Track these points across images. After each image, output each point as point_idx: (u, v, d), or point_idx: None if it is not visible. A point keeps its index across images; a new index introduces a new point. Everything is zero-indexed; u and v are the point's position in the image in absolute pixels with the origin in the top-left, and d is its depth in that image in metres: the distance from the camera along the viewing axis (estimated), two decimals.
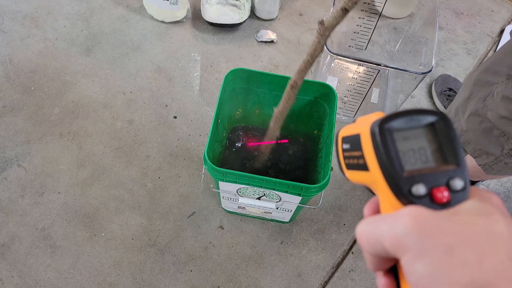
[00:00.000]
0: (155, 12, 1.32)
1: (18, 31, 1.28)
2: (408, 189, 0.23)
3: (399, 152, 0.23)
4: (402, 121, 0.24)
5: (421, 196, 0.22)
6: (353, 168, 0.26)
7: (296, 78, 0.64)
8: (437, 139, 0.24)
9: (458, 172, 0.23)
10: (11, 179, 1.02)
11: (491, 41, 1.39)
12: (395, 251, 0.21)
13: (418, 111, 0.24)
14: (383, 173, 0.24)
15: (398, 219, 0.21)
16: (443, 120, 0.24)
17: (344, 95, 1.14)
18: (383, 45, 1.34)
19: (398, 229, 0.20)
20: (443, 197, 0.22)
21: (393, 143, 0.23)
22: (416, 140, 0.24)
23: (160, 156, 1.07)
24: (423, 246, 0.19)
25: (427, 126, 0.24)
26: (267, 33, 1.31)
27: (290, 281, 0.94)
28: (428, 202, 0.22)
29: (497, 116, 0.70)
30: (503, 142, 0.72)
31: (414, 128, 0.24)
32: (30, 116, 1.12)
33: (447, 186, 0.23)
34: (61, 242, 0.95)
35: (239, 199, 0.82)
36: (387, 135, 0.23)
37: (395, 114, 0.24)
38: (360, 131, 0.25)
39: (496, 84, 0.70)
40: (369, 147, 0.24)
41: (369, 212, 0.27)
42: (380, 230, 0.22)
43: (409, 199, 0.23)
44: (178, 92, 1.19)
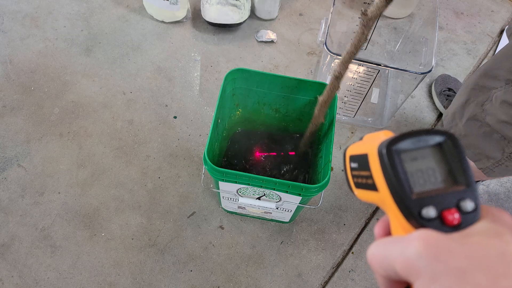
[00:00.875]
0: (155, 12, 1.32)
1: (18, 31, 1.28)
2: (418, 211, 0.22)
3: (408, 174, 0.23)
4: (409, 142, 0.24)
5: (432, 219, 0.22)
6: (362, 187, 0.26)
7: (340, 69, 0.66)
8: (445, 160, 0.24)
9: (468, 193, 0.23)
10: (11, 179, 1.02)
11: (491, 41, 1.39)
12: (407, 275, 0.21)
13: (425, 131, 0.24)
14: (392, 195, 0.23)
15: (409, 243, 0.21)
16: (451, 140, 0.24)
17: (344, 95, 1.14)
18: (383, 45, 1.34)
19: (410, 253, 0.20)
20: (454, 219, 0.22)
21: (401, 165, 0.23)
22: (424, 161, 0.24)
23: (160, 156, 1.07)
24: (435, 270, 0.19)
25: (435, 146, 0.24)
26: (267, 33, 1.31)
27: (290, 281, 0.94)
28: (438, 225, 0.22)
29: (497, 120, 0.70)
30: (503, 146, 0.71)
31: (422, 148, 0.24)
32: (30, 116, 1.12)
33: (458, 208, 0.22)
34: (61, 242, 0.95)
35: (239, 199, 0.82)
36: (395, 157, 0.23)
37: (403, 135, 0.24)
38: (368, 151, 0.25)
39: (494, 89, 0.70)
40: (378, 168, 0.24)
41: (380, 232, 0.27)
42: (392, 253, 0.22)
43: (420, 221, 0.22)
44: (178, 92, 1.19)
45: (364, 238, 1.00)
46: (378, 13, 0.56)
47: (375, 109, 1.20)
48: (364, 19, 0.58)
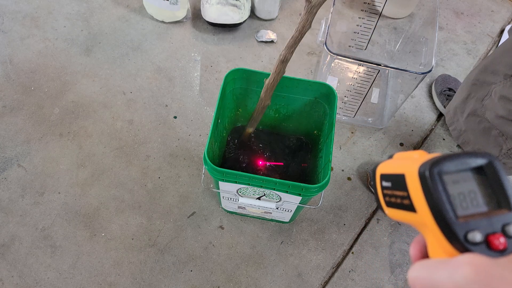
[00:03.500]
0: (155, 12, 1.32)
1: (18, 31, 1.28)
2: (463, 235, 0.22)
3: (451, 197, 0.23)
4: (452, 164, 0.23)
5: (478, 243, 0.22)
6: (396, 207, 0.26)
7: (286, 52, 0.70)
8: (487, 183, 0.24)
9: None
10: (11, 179, 1.02)
11: (491, 41, 1.39)
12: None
13: (467, 154, 0.24)
14: (435, 218, 0.23)
15: (458, 268, 0.20)
16: (492, 162, 0.24)
17: (344, 95, 1.14)
18: (383, 45, 1.34)
19: (459, 278, 0.20)
20: (500, 244, 0.22)
21: (444, 187, 0.23)
22: (466, 184, 0.24)
23: (160, 156, 1.07)
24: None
25: (476, 169, 0.24)
26: (267, 33, 1.31)
27: (290, 281, 0.94)
28: (484, 249, 0.22)
29: (495, 116, 0.70)
30: (501, 142, 0.72)
31: (464, 171, 0.24)
32: (30, 116, 1.12)
33: (503, 232, 0.22)
34: (61, 242, 0.95)
35: (239, 199, 0.82)
36: (438, 179, 0.23)
37: (445, 157, 0.24)
38: (404, 172, 0.25)
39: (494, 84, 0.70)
40: (418, 189, 0.24)
41: (416, 253, 0.26)
42: (439, 277, 0.21)
43: (465, 246, 0.22)
44: (178, 92, 1.19)
45: (364, 238, 1.00)
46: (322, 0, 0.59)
47: (375, 109, 1.20)
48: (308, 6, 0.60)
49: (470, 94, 0.76)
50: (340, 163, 1.10)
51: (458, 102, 0.79)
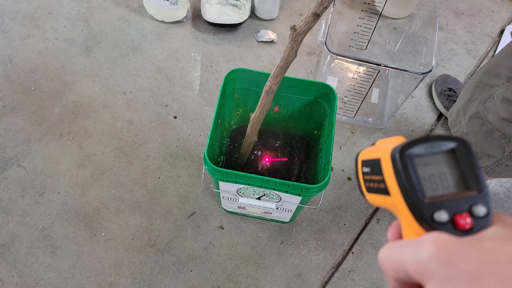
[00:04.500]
0: (155, 12, 1.32)
1: (18, 31, 1.28)
2: (430, 215, 0.23)
3: (421, 178, 0.24)
4: (423, 147, 0.24)
5: (444, 223, 0.23)
6: (374, 191, 0.27)
7: (271, 83, 0.66)
8: (458, 165, 0.24)
9: (481, 198, 0.23)
10: (11, 179, 1.02)
11: (491, 41, 1.39)
12: (419, 277, 0.21)
13: (438, 137, 0.24)
14: (405, 199, 0.24)
15: (422, 246, 0.21)
16: (464, 145, 0.24)
17: (344, 95, 1.14)
18: (383, 45, 1.34)
19: (423, 255, 0.21)
20: (466, 224, 0.22)
21: (414, 169, 0.24)
22: (437, 166, 0.24)
23: (160, 156, 1.07)
24: (447, 274, 0.20)
25: (447, 152, 0.24)
26: (267, 33, 1.31)
27: (290, 281, 0.94)
28: (450, 229, 0.23)
29: (498, 118, 0.70)
30: (504, 145, 0.71)
31: (435, 154, 0.24)
32: (30, 116, 1.12)
33: (470, 213, 0.23)
34: (61, 242, 0.95)
35: (239, 199, 0.82)
36: (408, 161, 0.24)
37: (416, 140, 0.24)
38: (380, 156, 0.26)
39: (496, 87, 0.70)
40: (390, 172, 0.25)
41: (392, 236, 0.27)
42: (404, 256, 0.22)
43: (432, 225, 0.23)
44: (178, 92, 1.19)
45: (364, 238, 1.00)
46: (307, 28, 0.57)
47: (375, 109, 1.20)
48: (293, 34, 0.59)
49: (472, 97, 0.76)
50: (340, 163, 1.10)
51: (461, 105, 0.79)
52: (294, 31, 0.58)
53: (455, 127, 0.81)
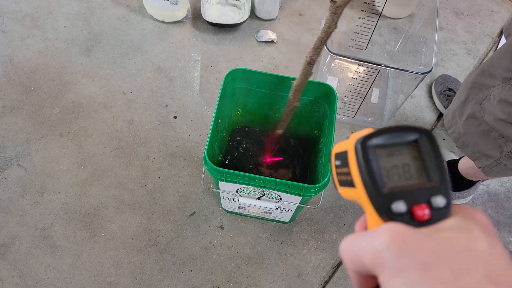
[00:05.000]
0: (155, 12, 1.32)
1: (18, 31, 1.28)
2: (388, 206, 0.23)
3: (381, 169, 0.23)
4: (385, 138, 0.24)
5: (401, 213, 0.22)
6: (344, 184, 0.26)
7: (312, 54, 0.69)
8: (420, 156, 0.24)
9: (441, 190, 0.23)
10: (11, 179, 1.02)
11: (491, 41, 1.39)
12: (374, 268, 0.21)
13: (402, 127, 0.24)
14: (366, 190, 0.24)
15: (377, 236, 0.21)
16: (427, 136, 0.24)
17: (344, 95, 1.14)
18: (383, 45, 1.34)
19: (377, 245, 0.20)
20: (424, 215, 0.22)
21: (376, 160, 0.24)
22: (399, 157, 0.24)
23: (160, 156, 1.07)
24: (400, 263, 0.19)
25: (410, 143, 0.24)
26: (267, 33, 1.31)
27: (290, 281, 0.94)
28: (408, 219, 0.22)
29: (495, 118, 0.70)
30: (502, 144, 0.72)
31: (398, 144, 0.24)
32: (30, 116, 1.12)
33: (429, 204, 0.23)
34: (61, 242, 0.95)
35: (239, 199, 0.82)
36: (370, 152, 0.24)
37: (379, 131, 0.24)
38: (347, 148, 0.25)
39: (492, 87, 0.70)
40: (354, 163, 0.24)
41: (358, 229, 0.27)
42: (360, 247, 0.22)
43: (390, 216, 0.23)
44: (178, 92, 1.19)
45: None
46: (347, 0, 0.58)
47: (375, 109, 1.20)
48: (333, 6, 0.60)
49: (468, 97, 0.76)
50: None
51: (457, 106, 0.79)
52: (334, 3, 0.59)
53: (451, 128, 0.81)
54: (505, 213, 1.07)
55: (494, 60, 0.72)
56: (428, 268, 0.19)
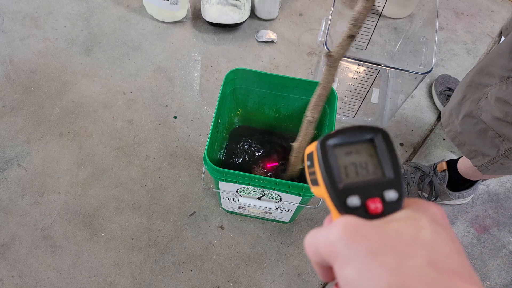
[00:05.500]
0: (155, 12, 1.32)
1: (18, 31, 1.28)
2: (343, 200, 0.24)
3: (339, 167, 0.25)
4: (343, 137, 0.26)
5: (356, 207, 0.24)
6: (313, 183, 0.28)
7: (313, 113, 0.66)
8: (375, 153, 0.26)
9: (393, 184, 0.24)
10: (11, 179, 1.02)
11: (491, 41, 1.39)
12: (329, 258, 0.22)
13: (359, 127, 0.26)
14: (325, 186, 0.25)
15: (331, 228, 0.22)
16: (382, 135, 0.26)
17: (344, 95, 1.14)
18: (383, 45, 1.34)
19: (331, 237, 0.22)
20: (376, 208, 0.24)
21: (333, 158, 0.25)
22: (356, 155, 0.26)
23: (160, 156, 1.07)
24: (350, 252, 0.21)
25: (367, 141, 0.26)
26: (267, 33, 1.31)
27: (290, 281, 0.94)
28: (362, 213, 0.24)
29: (492, 117, 0.70)
30: (498, 143, 0.72)
31: (355, 143, 0.26)
32: (30, 116, 1.12)
33: (381, 197, 0.24)
34: (61, 242, 0.95)
35: (239, 199, 0.82)
36: (328, 151, 0.25)
37: (338, 131, 0.26)
38: (313, 149, 0.27)
39: (489, 86, 0.70)
40: (316, 162, 0.26)
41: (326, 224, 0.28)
42: (318, 239, 0.23)
43: (345, 210, 0.24)
44: (178, 92, 1.19)
45: None
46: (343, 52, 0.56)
47: (375, 109, 1.20)
48: (329, 61, 0.58)
49: (465, 96, 0.76)
50: None
51: (453, 105, 0.79)
52: (331, 57, 0.57)
53: (448, 126, 0.81)
54: (505, 213, 1.07)
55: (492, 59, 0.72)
56: (375, 255, 0.20)
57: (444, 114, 0.83)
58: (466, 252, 1.00)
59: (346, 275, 0.21)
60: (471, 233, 1.04)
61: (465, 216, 1.06)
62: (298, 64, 1.27)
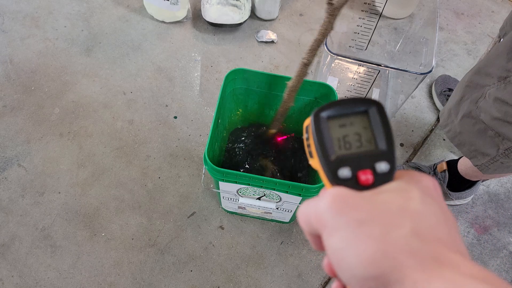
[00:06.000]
0: (155, 12, 1.32)
1: (18, 31, 1.28)
2: (335, 171, 0.24)
3: (332, 138, 0.25)
4: (337, 109, 0.26)
5: (347, 179, 0.24)
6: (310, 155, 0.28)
7: (309, 55, 0.69)
8: (369, 125, 0.25)
9: (385, 156, 0.24)
10: (11, 179, 1.02)
11: (492, 42, 1.39)
12: (318, 228, 0.22)
13: (353, 99, 0.26)
14: (318, 158, 0.25)
15: (322, 198, 0.22)
16: (376, 107, 0.25)
17: (345, 95, 1.14)
18: (384, 46, 1.34)
19: (320, 207, 0.22)
20: (367, 179, 0.23)
21: (326, 130, 0.25)
22: (350, 127, 0.25)
23: (160, 156, 1.07)
24: (337, 222, 0.21)
25: (361, 113, 0.26)
26: (268, 33, 1.31)
27: (290, 281, 0.94)
28: (353, 184, 0.24)
29: (491, 117, 0.70)
30: (498, 143, 0.72)
31: (349, 115, 0.26)
32: (30, 116, 1.12)
33: (373, 169, 0.24)
34: (61, 242, 0.95)
35: (239, 199, 0.82)
36: (321, 123, 0.25)
37: (331, 103, 0.26)
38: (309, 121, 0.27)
39: (487, 86, 0.70)
40: (311, 134, 0.26)
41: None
42: (309, 209, 0.23)
43: (337, 181, 0.24)
44: (178, 92, 1.19)
45: None
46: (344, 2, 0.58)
47: None
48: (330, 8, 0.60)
49: (464, 96, 0.76)
50: None
51: (452, 104, 0.79)
52: (332, 5, 0.59)
53: (447, 126, 0.82)
54: (505, 213, 1.07)
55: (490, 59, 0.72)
56: (361, 225, 0.20)
57: (443, 114, 0.83)
58: None
59: (332, 244, 0.21)
60: (471, 234, 1.04)
61: (465, 217, 1.06)
62: (298, 64, 1.27)
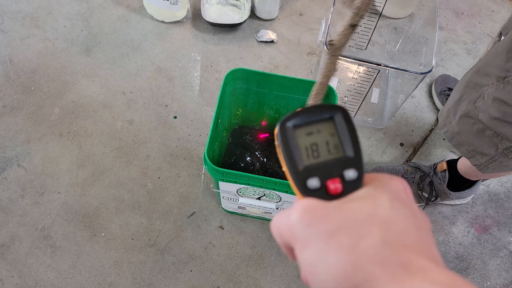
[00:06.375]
0: (155, 12, 1.32)
1: (18, 31, 1.28)
2: (303, 182, 0.23)
3: (299, 148, 0.24)
4: (302, 118, 0.25)
5: (316, 189, 0.23)
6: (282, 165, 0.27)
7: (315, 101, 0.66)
8: (336, 132, 0.25)
9: (353, 162, 0.24)
10: (11, 179, 1.02)
11: (492, 41, 1.39)
12: (290, 241, 0.22)
13: (317, 106, 0.25)
14: (288, 169, 0.24)
15: (292, 212, 0.22)
16: (342, 113, 0.25)
17: (344, 95, 1.14)
18: (383, 45, 1.34)
19: (291, 220, 0.22)
20: (336, 188, 0.23)
21: (293, 139, 0.24)
22: (317, 135, 0.25)
23: (160, 156, 1.07)
24: (308, 235, 0.20)
25: (326, 120, 0.25)
26: (267, 33, 1.31)
27: (290, 281, 0.94)
28: (323, 194, 0.23)
29: (489, 117, 0.70)
30: (497, 142, 0.72)
31: (315, 122, 0.25)
32: (30, 116, 1.12)
33: (341, 177, 0.23)
34: (61, 242, 0.95)
35: (239, 199, 0.82)
36: (288, 132, 0.25)
37: (296, 112, 0.25)
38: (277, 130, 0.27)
39: (486, 86, 0.70)
40: (277, 144, 0.25)
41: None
42: (281, 222, 0.23)
43: (306, 192, 0.23)
44: (178, 92, 1.19)
45: None
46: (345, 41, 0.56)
47: (375, 109, 1.20)
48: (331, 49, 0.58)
49: (462, 96, 0.76)
50: None
51: (451, 105, 0.79)
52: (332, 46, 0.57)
53: (445, 127, 0.82)
54: (505, 213, 1.07)
55: (489, 59, 0.72)
56: (331, 236, 0.20)
57: (442, 115, 0.83)
58: (466, 252, 1.00)
59: (304, 258, 0.20)
60: (471, 233, 1.04)
61: (465, 216, 1.06)
62: (298, 64, 1.27)
